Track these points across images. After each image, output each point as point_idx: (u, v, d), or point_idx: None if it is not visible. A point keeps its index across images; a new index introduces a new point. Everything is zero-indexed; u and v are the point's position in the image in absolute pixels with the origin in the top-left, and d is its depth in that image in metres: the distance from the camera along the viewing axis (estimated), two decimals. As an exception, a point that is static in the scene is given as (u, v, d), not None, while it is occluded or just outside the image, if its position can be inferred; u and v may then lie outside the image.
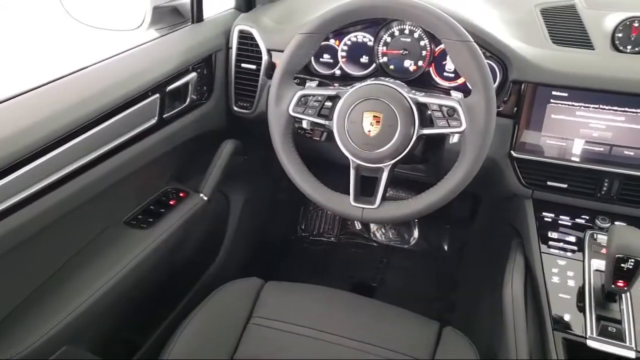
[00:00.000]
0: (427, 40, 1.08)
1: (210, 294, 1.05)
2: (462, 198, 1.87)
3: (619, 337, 0.84)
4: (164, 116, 1.10)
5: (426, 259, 1.92)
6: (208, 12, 1.26)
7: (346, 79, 1.16)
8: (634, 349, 0.83)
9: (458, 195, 0.92)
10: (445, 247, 1.96)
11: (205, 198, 1.23)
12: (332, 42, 1.17)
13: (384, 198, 0.96)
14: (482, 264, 1.50)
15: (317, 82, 1.06)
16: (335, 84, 1.05)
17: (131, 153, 1.02)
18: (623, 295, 0.89)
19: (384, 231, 2.04)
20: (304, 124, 1.01)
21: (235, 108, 1.27)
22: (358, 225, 2.06)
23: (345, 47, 1.16)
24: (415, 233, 2.01)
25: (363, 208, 0.96)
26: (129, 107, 0.99)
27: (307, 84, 1.02)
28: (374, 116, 0.91)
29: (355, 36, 1.14)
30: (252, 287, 1.07)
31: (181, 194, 1.22)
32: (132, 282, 1.03)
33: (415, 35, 1.09)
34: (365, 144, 0.93)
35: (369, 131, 0.92)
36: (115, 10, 1.13)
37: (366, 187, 0.99)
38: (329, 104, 0.97)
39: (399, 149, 0.92)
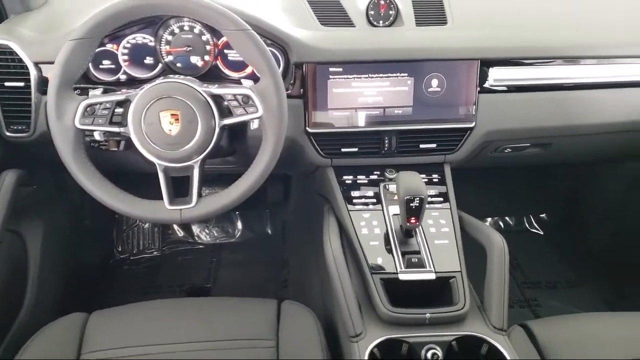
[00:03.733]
0: (208, 35, 1.10)
1: (24, 344, 0.92)
2: (274, 182, 1.98)
3: (420, 265, 1.01)
4: None
5: (254, 247, 1.98)
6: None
7: (134, 83, 1.11)
8: (433, 271, 1.00)
9: (270, 179, 0.97)
10: (269, 231, 2.04)
11: None
12: (109, 46, 1.10)
13: (200, 195, 0.96)
14: (304, 236, 1.61)
15: (101, 89, 0.99)
16: (123, 89, 1.00)
17: None
18: (417, 230, 1.06)
19: (207, 231, 2.03)
20: (96, 136, 0.94)
21: (8, 133, 1.11)
22: (180, 232, 2.01)
23: (126, 50, 1.10)
24: (239, 225, 2.05)
25: (180, 209, 0.94)
26: None
27: (91, 93, 0.95)
28: (172, 114, 0.90)
29: (134, 38, 1.10)
30: (75, 324, 0.97)
31: None
32: None
33: (196, 30, 1.09)
34: (169, 144, 0.91)
35: (170, 130, 0.90)
36: None
37: (179, 188, 0.97)
38: (120, 110, 0.92)
39: (204, 143, 0.92)
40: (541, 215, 2.15)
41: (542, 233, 2.12)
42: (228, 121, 0.93)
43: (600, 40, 1.20)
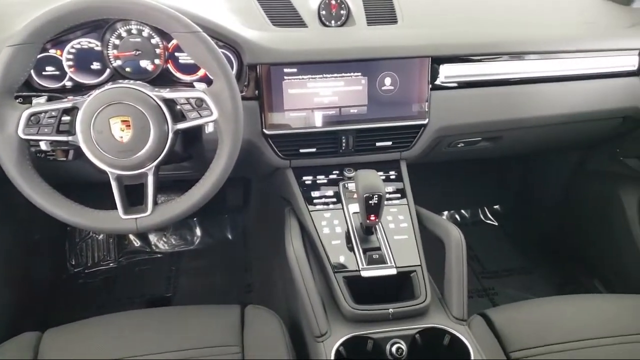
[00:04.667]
0: (158, 38, 1.07)
1: None
2: (233, 186, 1.96)
3: (381, 261, 1.02)
4: None
5: (214, 253, 1.95)
6: None
7: (81, 89, 1.07)
8: (394, 266, 1.02)
9: (229, 183, 0.96)
10: (230, 236, 2.01)
11: None
12: (52, 52, 1.05)
13: (155, 203, 0.93)
14: (266, 239, 1.60)
15: (46, 97, 0.95)
16: (69, 96, 0.96)
17: None
18: (377, 226, 1.07)
19: (165, 239, 1.99)
20: (42, 146, 0.90)
21: None
22: (137, 242, 1.95)
23: (70, 56, 1.06)
24: (198, 232, 2.02)
25: (136, 218, 0.92)
26: None
27: (35, 101, 0.91)
28: (123, 121, 0.87)
29: (79, 43, 1.06)
30: (27, 344, 0.92)
31: None
32: None
33: (145, 34, 1.07)
34: (121, 152, 0.88)
35: (121, 137, 0.88)
36: None
37: (134, 196, 0.94)
38: (67, 118, 0.88)
39: (158, 149, 0.90)
40: (495, 207, 2.22)
41: (496, 224, 2.19)
42: (182, 126, 0.91)
43: (542, 36, 1.26)
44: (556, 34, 1.28)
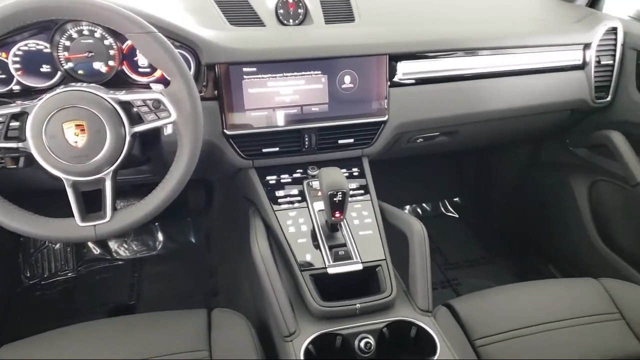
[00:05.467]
0: (111, 39, 1.04)
1: None
2: (195, 188, 1.92)
3: (347, 257, 1.03)
4: None
5: (178, 258, 1.92)
6: None
7: (30, 93, 1.03)
8: (360, 261, 1.03)
9: (190, 185, 0.94)
10: (193, 240, 1.98)
11: None
12: (-3, 54, 1.01)
13: (114, 209, 0.91)
14: (231, 241, 1.58)
15: None
16: (17, 101, 0.92)
17: None
18: (342, 223, 1.08)
19: (126, 246, 1.94)
20: None
21: None
22: (96, 249, 1.89)
23: (17, 59, 1.01)
24: (160, 236, 1.98)
25: (94, 225, 0.89)
26: None
27: None
28: (77, 125, 0.85)
29: (26, 45, 1.01)
30: None
31: None
32: None
33: (97, 35, 1.03)
34: (75, 157, 0.85)
35: (76, 142, 0.85)
36: None
37: (92, 203, 0.91)
38: (16, 123, 0.85)
39: (115, 154, 0.88)
40: (455, 199, 2.28)
41: (457, 216, 2.25)
42: (139, 128, 0.89)
43: (494, 33, 1.30)
44: (506, 30, 1.33)
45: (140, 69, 1.07)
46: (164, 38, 0.89)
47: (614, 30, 1.39)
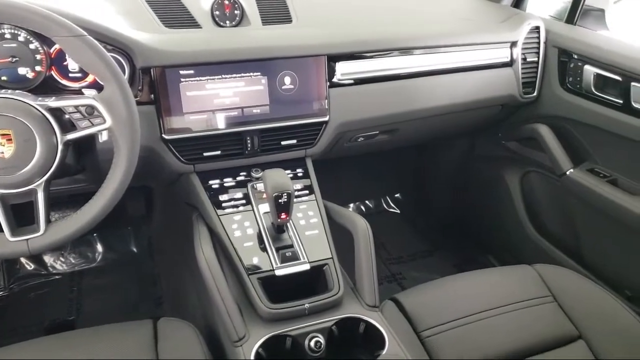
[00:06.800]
0: (37, 43, 0.98)
1: None
2: (134, 196, 1.86)
3: (295, 258, 1.03)
4: None
5: (120, 268, 1.85)
6: None
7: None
8: (307, 261, 1.04)
9: (129, 193, 0.91)
10: (135, 249, 1.92)
11: None
12: None
13: (48, 221, 0.86)
14: (174, 248, 1.54)
15: None
16: None
17: None
18: (288, 224, 1.09)
19: (63, 259, 1.84)
20: None
21: None
22: (30, 265, 1.79)
23: None
24: (99, 247, 1.90)
25: (27, 239, 0.85)
26: None
27: None
28: (2, 135, 0.80)
29: None
30: None
31: None
32: None
33: (21, 38, 0.97)
34: (2, 169, 0.81)
35: (2, 153, 0.80)
36: None
37: (23, 216, 0.87)
38: None
39: (46, 163, 0.83)
40: (396, 195, 2.34)
41: (398, 211, 2.31)
42: (72, 136, 0.85)
43: (425, 33, 1.35)
44: (438, 30, 1.38)
45: (70, 74, 1.02)
46: (95, 41, 0.85)
47: (537, 29, 1.48)
